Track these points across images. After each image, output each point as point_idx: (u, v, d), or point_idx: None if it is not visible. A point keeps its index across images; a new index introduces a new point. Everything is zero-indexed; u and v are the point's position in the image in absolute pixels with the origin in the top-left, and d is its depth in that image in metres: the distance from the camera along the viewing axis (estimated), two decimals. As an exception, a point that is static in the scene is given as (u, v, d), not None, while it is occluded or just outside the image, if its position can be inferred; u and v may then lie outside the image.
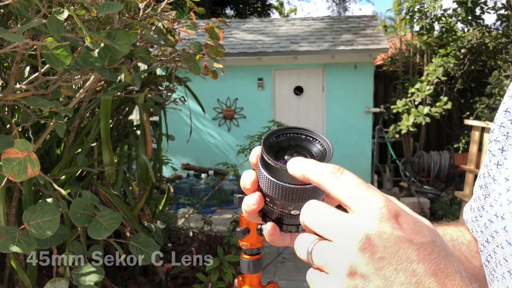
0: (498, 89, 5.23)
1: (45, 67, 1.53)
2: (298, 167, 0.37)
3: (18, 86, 1.45)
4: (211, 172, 5.84)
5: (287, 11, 16.43)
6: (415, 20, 6.09)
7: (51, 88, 1.56)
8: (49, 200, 1.53)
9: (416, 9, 6.00)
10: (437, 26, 6.21)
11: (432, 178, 5.43)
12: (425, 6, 5.97)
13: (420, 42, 6.20)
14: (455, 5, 5.91)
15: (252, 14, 13.73)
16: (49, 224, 1.31)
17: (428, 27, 5.91)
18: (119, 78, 2.38)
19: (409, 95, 6.04)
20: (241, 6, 13.36)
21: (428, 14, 5.99)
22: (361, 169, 6.40)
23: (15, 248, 1.26)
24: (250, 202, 0.43)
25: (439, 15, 5.96)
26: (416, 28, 6.31)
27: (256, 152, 0.43)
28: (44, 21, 1.19)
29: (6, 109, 1.86)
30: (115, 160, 2.63)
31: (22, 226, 1.29)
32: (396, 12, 6.41)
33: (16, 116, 1.95)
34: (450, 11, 5.95)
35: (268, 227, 0.43)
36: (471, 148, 4.44)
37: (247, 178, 0.43)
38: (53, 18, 1.20)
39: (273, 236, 0.44)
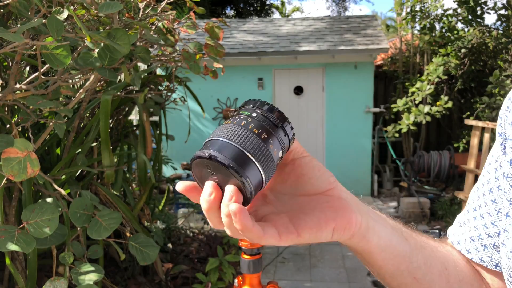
0: (499, 88, 5.23)
1: (45, 67, 1.52)
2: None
3: (18, 86, 1.45)
4: (211, 172, 5.83)
5: (288, 11, 16.41)
6: (416, 19, 6.10)
7: (50, 88, 1.56)
8: (49, 200, 1.53)
9: (417, 9, 6.00)
10: (437, 26, 6.21)
11: (432, 178, 5.42)
12: (426, 6, 5.97)
13: (422, 41, 6.20)
14: (455, 5, 5.91)
15: (252, 14, 13.73)
16: (48, 223, 1.31)
17: (429, 26, 5.91)
18: (119, 78, 2.39)
19: (409, 94, 6.05)
20: (241, 6, 13.36)
21: (429, 14, 5.99)
22: (361, 169, 6.40)
23: (14, 247, 1.26)
24: (206, 194, 0.38)
25: (440, 15, 5.96)
26: (418, 28, 6.31)
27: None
28: (44, 21, 1.19)
29: (6, 109, 1.86)
30: (115, 160, 2.63)
31: (21, 225, 1.29)
32: (398, 12, 6.41)
33: (16, 116, 1.95)
34: (450, 11, 5.96)
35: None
36: (471, 148, 4.44)
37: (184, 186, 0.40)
38: (53, 18, 1.20)
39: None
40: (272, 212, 0.43)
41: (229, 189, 0.36)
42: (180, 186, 0.40)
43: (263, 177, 0.38)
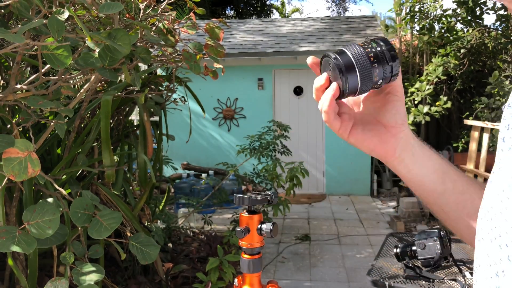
0: (498, 89, 5.23)
1: (45, 67, 1.53)
2: None
3: (18, 86, 1.46)
4: (211, 172, 5.85)
5: (288, 12, 16.41)
6: (415, 20, 6.10)
7: (51, 88, 1.57)
8: (50, 200, 1.54)
9: (416, 9, 6.00)
10: (437, 27, 6.22)
11: (432, 178, 5.42)
12: (426, 6, 5.97)
13: (421, 42, 6.21)
14: (454, 6, 5.92)
15: (252, 15, 13.73)
16: (49, 223, 1.32)
17: (428, 26, 5.91)
18: (119, 78, 2.39)
19: (408, 94, 6.05)
20: (241, 6, 13.37)
21: (428, 14, 5.99)
22: (361, 169, 6.40)
23: (15, 248, 1.26)
24: (321, 78, 0.54)
25: (439, 15, 5.97)
26: (417, 28, 6.31)
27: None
28: (44, 21, 1.20)
29: (7, 109, 1.87)
30: (116, 160, 2.64)
31: (22, 226, 1.29)
32: (397, 13, 6.41)
33: (17, 116, 1.96)
34: (450, 12, 5.96)
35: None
36: (470, 148, 4.45)
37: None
38: (54, 18, 1.21)
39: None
40: (348, 113, 0.57)
41: (333, 85, 0.52)
42: (310, 59, 0.57)
43: (359, 86, 0.52)
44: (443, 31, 6.08)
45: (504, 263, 0.40)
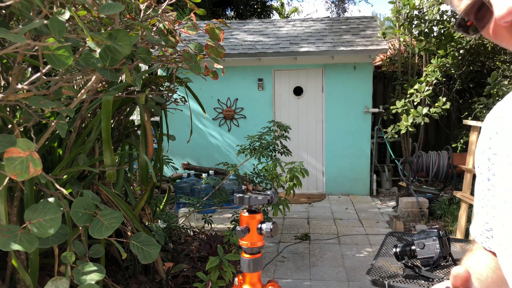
0: (497, 89, 5.24)
1: (46, 68, 1.54)
2: None
3: (20, 86, 1.47)
4: (211, 172, 5.86)
5: (287, 12, 16.41)
6: (413, 25, 6.10)
7: (52, 89, 1.57)
8: (51, 199, 1.54)
9: (414, 15, 6.01)
10: (435, 28, 6.22)
11: (431, 177, 5.44)
12: (424, 11, 5.98)
13: (418, 47, 6.21)
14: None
15: (252, 15, 13.74)
16: (51, 222, 1.33)
17: (427, 31, 5.91)
18: (120, 78, 2.40)
19: (408, 95, 6.06)
20: (241, 7, 13.37)
21: (426, 18, 6.00)
22: (360, 169, 6.41)
23: (16, 246, 1.27)
24: None
25: (438, 18, 5.97)
26: (415, 33, 6.30)
27: None
28: (45, 22, 1.21)
29: (8, 109, 1.87)
30: (117, 160, 2.64)
31: (24, 225, 1.30)
32: (395, 19, 6.41)
33: (18, 116, 1.97)
34: (449, 12, 5.96)
35: None
36: (469, 148, 4.45)
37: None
38: (55, 19, 1.22)
39: None
40: None
41: None
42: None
43: None
44: (442, 33, 6.09)
45: None
